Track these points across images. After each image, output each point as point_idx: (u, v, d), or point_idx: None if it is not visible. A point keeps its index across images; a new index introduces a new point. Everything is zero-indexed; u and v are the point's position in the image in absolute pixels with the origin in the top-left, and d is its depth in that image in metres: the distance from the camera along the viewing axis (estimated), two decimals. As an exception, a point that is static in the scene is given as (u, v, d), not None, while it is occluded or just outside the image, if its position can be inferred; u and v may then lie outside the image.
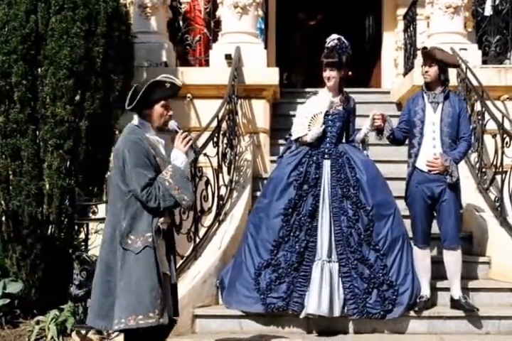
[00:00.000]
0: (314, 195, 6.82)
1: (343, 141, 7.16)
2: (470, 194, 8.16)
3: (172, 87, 4.98)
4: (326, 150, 6.95)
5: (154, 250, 4.79)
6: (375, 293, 6.63)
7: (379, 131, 6.94)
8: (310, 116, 6.96)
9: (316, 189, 6.84)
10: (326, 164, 6.92)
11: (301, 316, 6.59)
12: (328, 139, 6.99)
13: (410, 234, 7.05)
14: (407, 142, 7.07)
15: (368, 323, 6.72)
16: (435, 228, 6.97)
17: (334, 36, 7.08)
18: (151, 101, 4.91)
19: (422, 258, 6.87)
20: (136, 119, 4.98)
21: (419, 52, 9.40)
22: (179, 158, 4.96)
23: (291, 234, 6.77)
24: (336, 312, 6.53)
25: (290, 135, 7.24)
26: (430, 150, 6.80)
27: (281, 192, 6.92)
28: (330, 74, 6.97)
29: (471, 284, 7.18)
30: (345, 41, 7.06)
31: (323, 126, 6.90)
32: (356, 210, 6.76)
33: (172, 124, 5.04)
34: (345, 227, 6.73)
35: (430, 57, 6.85)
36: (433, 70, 6.81)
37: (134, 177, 4.75)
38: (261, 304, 6.65)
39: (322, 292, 6.52)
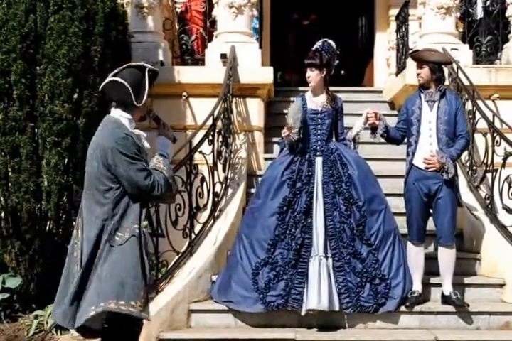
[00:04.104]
0: (308, 192, 6.89)
1: (333, 139, 7.24)
2: (461, 191, 8.25)
3: (153, 73, 4.93)
4: (318, 148, 7.02)
5: (140, 239, 4.69)
6: (367, 287, 6.71)
7: (373, 129, 7.03)
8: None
9: (310, 186, 6.91)
10: (318, 161, 6.99)
11: (303, 313, 6.65)
12: (319, 137, 7.06)
13: (404, 230, 7.12)
14: (405, 141, 7.15)
15: (361, 318, 6.80)
16: (431, 225, 7.03)
17: (321, 40, 7.18)
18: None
19: (415, 254, 6.95)
20: (117, 112, 4.84)
21: (411, 52, 9.53)
22: (169, 144, 5.03)
23: (287, 231, 6.83)
24: (336, 307, 6.61)
25: (282, 138, 7.34)
26: (427, 148, 6.86)
27: (276, 191, 6.98)
28: (309, 75, 7.06)
29: (462, 280, 7.24)
30: (332, 43, 7.13)
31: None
32: (348, 206, 6.85)
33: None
34: (337, 223, 6.80)
35: (419, 59, 6.95)
36: (424, 71, 6.88)
37: (133, 170, 4.63)
38: (261, 303, 6.70)
39: (321, 287, 6.58)
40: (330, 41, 7.15)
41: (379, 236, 6.85)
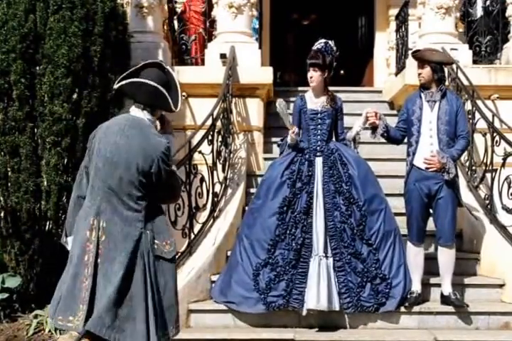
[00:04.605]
0: (308, 192, 6.89)
1: (333, 139, 7.24)
2: (460, 192, 8.25)
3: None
4: (318, 148, 7.02)
5: None
6: (368, 287, 6.72)
7: (373, 128, 7.02)
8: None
9: (310, 186, 6.91)
10: (318, 161, 6.99)
11: (304, 313, 6.67)
12: (319, 137, 7.07)
13: (403, 231, 7.12)
14: (405, 141, 7.14)
15: (360, 318, 6.80)
16: (430, 225, 7.03)
17: (322, 40, 7.19)
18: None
19: (415, 254, 6.93)
20: (144, 115, 4.79)
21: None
22: (173, 143, 5.02)
23: (287, 231, 6.84)
24: (336, 307, 6.61)
25: (282, 139, 7.37)
26: (427, 148, 6.84)
27: (276, 191, 6.99)
28: (312, 75, 7.07)
29: (461, 280, 7.24)
30: (332, 44, 7.15)
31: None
32: (349, 205, 6.85)
33: None
34: (338, 222, 6.81)
35: (421, 59, 6.94)
36: (426, 71, 6.87)
37: (172, 179, 4.72)
38: (262, 304, 6.71)
39: (320, 287, 6.58)
40: (331, 42, 7.17)
41: (379, 236, 6.86)
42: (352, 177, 6.93)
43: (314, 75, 7.07)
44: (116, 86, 4.81)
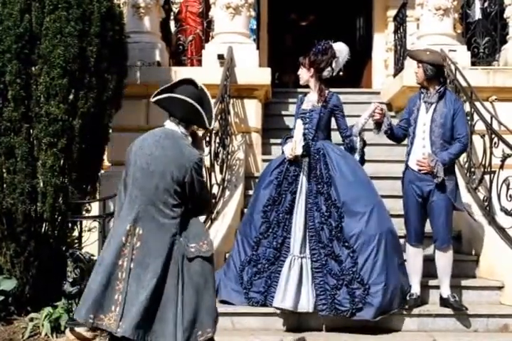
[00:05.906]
0: (292, 192, 6.90)
1: (326, 138, 7.17)
2: (459, 195, 8.22)
3: None
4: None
5: None
6: (344, 290, 6.58)
7: (377, 124, 6.98)
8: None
9: (294, 186, 6.92)
10: (305, 161, 6.97)
11: (278, 311, 6.69)
12: (305, 136, 7.02)
13: (401, 232, 7.11)
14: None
15: (359, 321, 6.72)
16: (429, 226, 6.99)
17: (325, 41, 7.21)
18: None
19: (413, 256, 6.92)
20: (180, 129, 4.92)
21: (409, 54, 9.52)
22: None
23: (270, 230, 6.89)
24: (309, 308, 6.57)
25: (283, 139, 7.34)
26: (420, 150, 6.82)
27: (264, 189, 7.06)
28: (299, 72, 7.24)
29: (460, 282, 7.23)
30: (328, 44, 7.15)
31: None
32: (328, 206, 6.79)
33: None
34: (317, 223, 6.77)
35: (413, 58, 6.96)
36: (420, 71, 6.84)
37: (204, 189, 4.93)
38: (244, 298, 6.83)
39: (288, 287, 6.58)
40: (331, 43, 7.18)
41: (360, 240, 6.66)
42: (332, 178, 6.86)
43: (300, 72, 7.20)
44: (153, 99, 4.93)
